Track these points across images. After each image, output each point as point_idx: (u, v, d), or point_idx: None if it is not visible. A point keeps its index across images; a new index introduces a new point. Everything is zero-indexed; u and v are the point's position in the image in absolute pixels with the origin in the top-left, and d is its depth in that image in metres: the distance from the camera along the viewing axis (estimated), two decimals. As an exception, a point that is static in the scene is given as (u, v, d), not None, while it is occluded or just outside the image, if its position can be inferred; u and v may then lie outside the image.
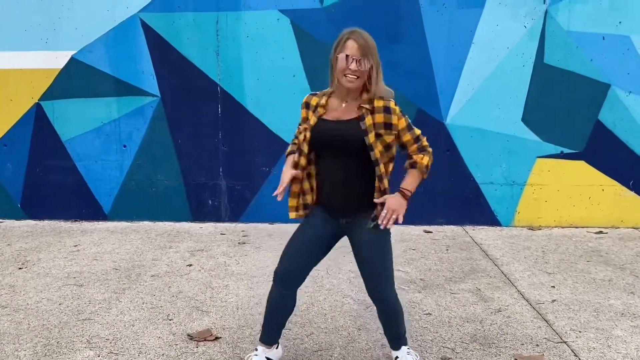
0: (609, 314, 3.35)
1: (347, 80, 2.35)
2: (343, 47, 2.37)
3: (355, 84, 2.36)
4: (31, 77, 5.28)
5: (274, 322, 2.60)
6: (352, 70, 2.33)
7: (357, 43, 2.35)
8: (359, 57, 2.33)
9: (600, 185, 5.27)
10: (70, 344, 2.94)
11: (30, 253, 4.47)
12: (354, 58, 2.33)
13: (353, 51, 2.34)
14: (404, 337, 2.64)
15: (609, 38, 5.04)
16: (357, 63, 2.32)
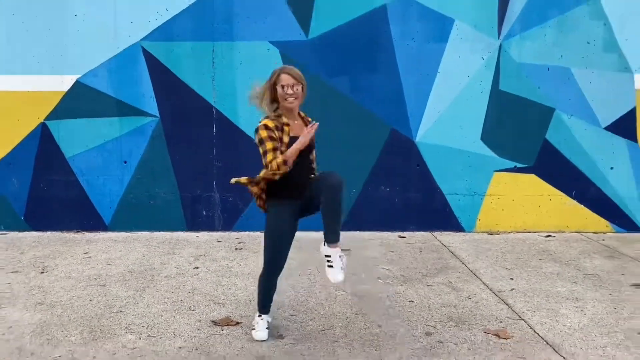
0: (557, 298, 4.07)
1: (288, 102, 3.15)
2: (278, 79, 3.15)
3: (295, 104, 3.18)
4: (38, 99, 5.71)
5: (268, 298, 3.35)
6: (289, 94, 3.10)
7: (289, 74, 3.15)
8: (292, 84, 3.11)
9: (549, 195, 6.07)
10: (111, 330, 3.42)
11: (46, 260, 4.88)
12: (289, 85, 3.10)
13: (288, 81, 3.12)
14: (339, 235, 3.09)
15: (553, 69, 5.89)
16: (292, 88, 3.11)
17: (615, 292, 4.20)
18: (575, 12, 5.82)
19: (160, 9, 5.64)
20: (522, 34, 5.83)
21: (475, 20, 5.79)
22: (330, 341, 3.31)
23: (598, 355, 3.16)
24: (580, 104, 5.93)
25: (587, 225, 6.10)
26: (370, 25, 5.76)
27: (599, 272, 4.69)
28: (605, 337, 3.40)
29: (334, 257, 3.10)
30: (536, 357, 3.13)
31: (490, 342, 3.31)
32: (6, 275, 4.45)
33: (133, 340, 3.28)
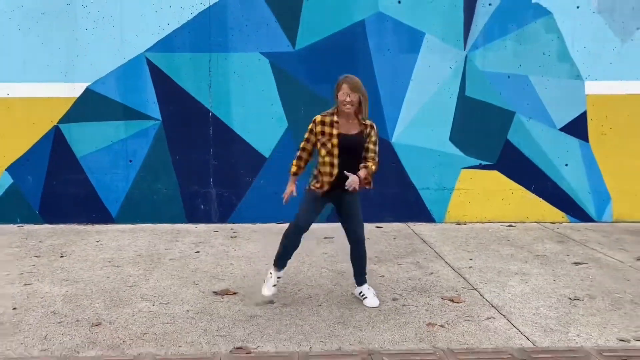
0: (507, 273, 4.77)
1: (345, 108, 3.75)
2: (340, 88, 3.74)
3: (351, 110, 3.77)
4: (52, 104, 6.34)
5: (287, 254, 3.95)
6: (347, 102, 3.71)
7: (348, 84, 3.71)
8: (349, 93, 3.69)
9: (510, 189, 6.79)
10: (128, 299, 4.07)
11: (63, 247, 5.51)
12: (347, 94, 3.67)
13: (346, 90, 3.71)
14: (365, 274, 3.95)
15: (513, 77, 6.62)
16: (349, 97, 3.69)
17: (558, 269, 4.91)
18: (532, 26, 6.55)
19: (162, 24, 6.29)
20: (485, 45, 6.55)
21: (444, 33, 6.50)
22: (314, 305, 3.99)
23: (531, 313, 3.86)
24: (538, 108, 6.66)
25: (545, 216, 6.83)
26: (350, 38, 6.45)
27: (548, 254, 5.40)
28: (541, 301, 4.11)
29: (365, 292, 3.98)
30: (480, 316, 3.82)
31: (445, 306, 4.01)
32: (30, 259, 5.08)
33: (148, 306, 3.94)
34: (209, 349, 3.27)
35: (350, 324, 3.65)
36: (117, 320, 3.67)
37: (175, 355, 3.19)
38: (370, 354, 3.21)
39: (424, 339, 3.42)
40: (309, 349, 3.28)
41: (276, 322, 3.67)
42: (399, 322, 3.69)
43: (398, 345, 3.33)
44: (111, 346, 3.29)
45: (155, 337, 3.43)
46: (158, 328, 3.56)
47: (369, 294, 3.95)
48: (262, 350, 3.26)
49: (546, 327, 3.62)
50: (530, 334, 3.51)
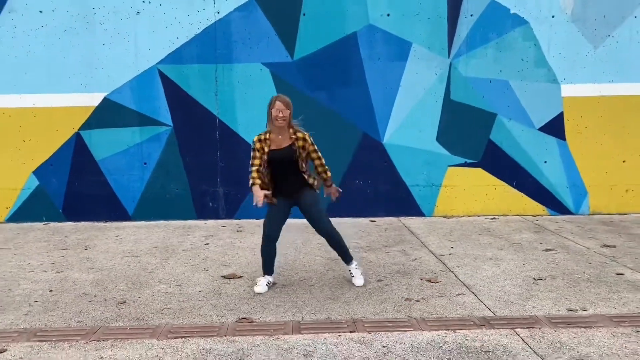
0: (483, 259, 5.35)
1: (277, 122, 4.32)
2: (273, 105, 4.34)
3: (283, 124, 4.35)
4: (73, 113, 6.98)
5: (270, 261, 4.54)
6: (280, 117, 4.29)
7: (281, 102, 4.33)
8: (282, 109, 4.29)
9: (494, 185, 7.37)
10: (148, 282, 4.69)
11: (87, 241, 6.15)
12: (280, 110, 4.28)
13: (280, 107, 4.30)
14: (349, 254, 4.53)
15: (494, 82, 7.19)
16: (281, 112, 4.29)
17: (529, 255, 5.49)
18: (511, 35, 7.13)
19: (172, 38, 6.92)
20: (468, 53, 7.13)
21: (429, 43, 7.09)
22: (307, 285, 4.59)
23: (497, 290, 4.45)
24: (518, 110, 7.24)
25: (526, 210, 7.40)
26: (344, 49, 7.05)
27: (523, 242, 5.98)
28: (508, 281, 4.69)
29: (353, 270, 4.56)
30: (452, 292, 4.41)
31: (423, 285, 4.60)
32: (59, 252, 5.71)
33: (165, 288, 4.55)
34: (218, 319, 3.88)
35: (339, 300, 4.25)
36: (139, 299, 4.29)
37: (190, 324, 3.79)
38: (354, 322, 3.80)
39: (400, 311, 4.01)
40: (301, 318, 3.88)
41: (275, 299, 4.27)
42: (381, 298, 4.28)
43: (378, 316, 3.92)
44: (136, 319, 3.91)
45: (173, 311, 4.04)
46: (175, 304, 4.17)
47: (356, 273, 4.54)
48: (263, 320, 3.86)
49: (507, 301, 4.20)
50: (492, 307, 4.09)
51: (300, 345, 3.44)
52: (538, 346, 3.40)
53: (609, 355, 3.28)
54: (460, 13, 7.06)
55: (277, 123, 4.36)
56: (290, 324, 3.77)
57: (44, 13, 6.82)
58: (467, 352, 3.33)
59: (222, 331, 3.66)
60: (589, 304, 4.13)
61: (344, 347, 3.41)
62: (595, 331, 3.63)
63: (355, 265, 4.59)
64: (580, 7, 7.09)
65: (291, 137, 4.43)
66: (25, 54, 6.87)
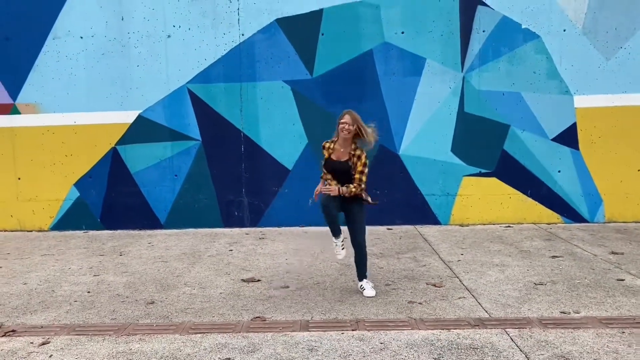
0: (489, 265, 5.62)
1: (343, 134, 4.69)
2: (342, 117, 4.72)
3: (348, 137, 4.70)
4: (110, 129, 7.57)
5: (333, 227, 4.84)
6: (346, 129, 4.67)
7: (350, 116, 4.70)
8: (350, 122, 4.66)
9: (508, 194, 7.60)
10: (174, 285, 5.15)
11: (122, 247, 6.68)
12: (347, 123, 4.66)
13: (348, 120, 4.67)
14: (366, 271, 4.87)
15: (507, 94, 7.45)
16: (347, 125, 4.65)
17: (535, 262, 5.72)
18: (523, 49, 7.38)
19: (201, 59, 7.44)
20: (481, 67, 7.41)
21: (443, 58, 7.40)
22: (320, 289, 4.97)
23: (496, 294, 4.72)
24: (531, 121, 7.47)
25: (541, 218, 7.59)
26: (360, 65, 7.43)
27: (531, 249, 6.21)
28: (509, 285, 4.96)
29: (364, 285, 4.83)
30: (454, 296, 4.71)
31: (428, 289, 4.91)
32: (96, 257, 6.25)
33: (190, 290, 5.00)
34: (235, 318, 4.29)
35: (347, 302, 4.60)
36: (166, 300, 4.74)
37: (209, 322, 4.21)
38: (357, 321, 4.15)
39: (402, 312, 4.34)
40: (310, 318, 4.25)
41: (288, 301, 4.66)
42: (386, 300, 4.62)
43: (380, 316, 4.26)
44: (162, 317, 4.35)
45: (195, 311, 4.47)
46: (197, 305, 4.61)
47: (367, 286, 4.83)
48: (274, 319, 4.26)
49: (505, 304, 4.47)
50: (489, 309, 4.37)
51: (306, 341, 3.81)
52: (524, 344, 3.68)
53: (589, 353, 3.54)
54: (472, 29, 7.36)
55: (343, 135, 4.70)
56: (299, 323, 4.15)
57: (84, 39, 7.45)
58: (456, 349, 3.64)
59: (237, 328, 4.07)
60: (582, 307, 4.37)
61: (345, 343, 3.77)
62: (582, 332, 3.88)
63: (367, 281, 4.90)
64: (591, 20, 7.29)
65: (350, 153, 4.76)
66: (67, 76, 7.51)
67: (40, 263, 6.05)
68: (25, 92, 7.54)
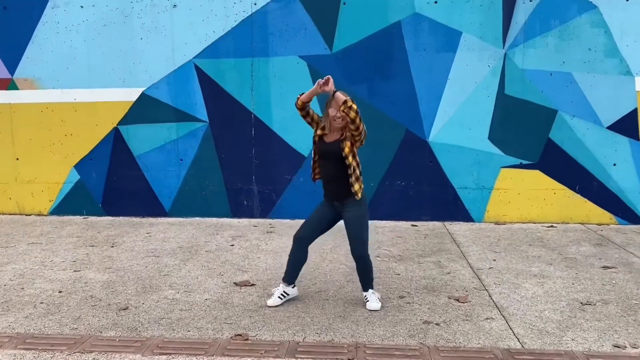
0: (526, 275, 4.75)
1: (335, 123, 3.90)
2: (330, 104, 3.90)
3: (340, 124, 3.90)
4: (112, 108, 6.97)
5: (293, 268, 4.14)
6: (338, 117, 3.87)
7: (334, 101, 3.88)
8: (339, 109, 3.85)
9: (553, 189, 6.65)
10: (158, 287, 4.51)
11: (116, 237, 6.10)
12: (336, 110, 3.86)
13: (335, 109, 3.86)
14: (371, 283, 4.10)
15: (555, 74, 6.46)
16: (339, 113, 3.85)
17: (582, 272, 4.82)
18: (576, 21, 6.36)
19: (209, 32, 6.73)
20: (526, 43, 6.44)
21: (481, 32, 6.46)
22: (321, 299, 4.23)
23: (533, 316, 3.88)
24: (582, 106, 6.46)
25: (590, 218, 6.62)
26: (387, 39, 6.57)
27: (578, 257, 5.29)
28: (549, 304, 4.10)
29: (369, 296, 4.07)
30: (480, 316, 3.89)
31: (449, 305, 4.11)
32: (85, 249, 5.69)
33: (172, 294, 4.35)
34: (213, 334, 3.61)
35: (349, 318, 3.85)
36: (142, 306, 4.10)
37: (181, 338, 3.55)
38: (357, 347, 3.40)
39: (414, 336, 3.56)
40: (302, 339, 3.53)
41: (281, 313, 3.95)
42: (397, 319, 3.85)
43: (387, 341, 3.50)
44: (130, 328, 3.71)
45: (170, 322, 3.81)
46: (175, 314, 3.95)
47: (372, 297, 4.06)
48: (259, 338, 3.55)
49: (542, 330, 3.64)
50: (522, 336, 3.55)
51: (289, 372, 3.10)
52: (565, 393, 2.87)
53: (653, 412, 2.69)
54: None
55: (336, 124, 3.92)
56: (287, 345, 3.43)
57: (84, 8, 6.84)
58: (476, 395, 2.85)
59: (211, 349, 3.38)
60: (642, 340, 3.50)
61: (336, 378, 3.04)
62: (642, 377, 3.03)
63: (373, 291, 4.12)
64: (660, -12, 6.20)
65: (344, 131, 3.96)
66: (67, 49, 6.93)
67: (24, 253, 5.52)
68: (23, 66, 7.01)
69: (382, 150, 6.70)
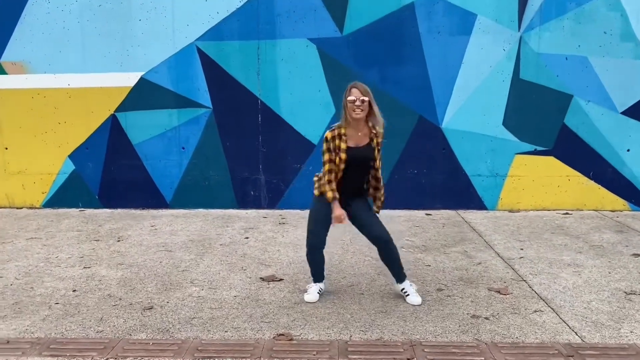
0: (560, 265, 4.62)
1: (355, 113, 3.61)
2: (350, 93, 3.64)
3: (361, 115, 3.63)
4: (109, 94, 6.58)
5: (320, 268, 3.95)
6: (357, 106, 3.60)
7: (358, 89, 3.63)
8: (360, 97, 3.60)
9: (567, 175, 6.54)
10: (179, 284, 4.22)
11: (120, 231, 5.76)
12: (357, 98, 3.60)
13: (356, 94, 3.60)
14: (403, 271, 3.89)
15: (571, 58, 6.33)
16: (360, 101, 3.59)
17: (615, 260, 4.71)
18: (593, 4, 6.22)
19: (212, 13, 6.38)
20: (541, 26, 6.28)
21: (497, 14, 6.28)
22: (356, 293, 4.01)
23: (582, 307, 3.73)
24: (598, 91, 6.36)
25: (604, 204, 6.55)
26: (399, 22, 6.33)
27: (605, 244, 5.19)
28: (593, 294, 3.96)
29: (407, 288, 3.85)
30: (528, 308, 3.73)
31: (492, 297, 3.93)
32: (90, 243, 5.34)
33: (197, 291, 4.07)
34: (253, 334, 3.35)
35: (392, 314, 3.65)
36: (168, 305, 3.82)
37: (220, 340, 3.29)
38: (412, 345, 3.20)
39: (467, 331, 3.38)
40: (349, 337, 3.31)
41: (319, 310, 3.71)
42: (443, 313, 3.66)
43: (440, 337, 3.30)
44: (161, 330, 3.43)
45: (203, 322, 3.54)
46: (206, 313, 3.68)
47: (410, 290, 3.85)
48: (304, 337, 3.32)
49: (597, 323, 3.49)
50: (579, 329, 3.40)
51: (348, 374, 2.88)
52: (646, 390, 2.72)
53: None
54: (533, -20, 6.21)
55: (355, 114, 3.60)
56: (336, 345, 3.20)
57: (78, -13, 6.41)
58: (555, 395, 2.68)
59: (257, 351, 3.14)
60: (701, 331, 3.38)
61: (401, 380, 2.83)
62: None
63: (410, 283, 3.92)
64: (677, -30, 6.10)
65: (371, 132, 3.71)
66: (60, 30, 6.49)
67: (24, 249, 5.15)
68: (11, 49, 6.55)
69: (395, 137, 6.40)
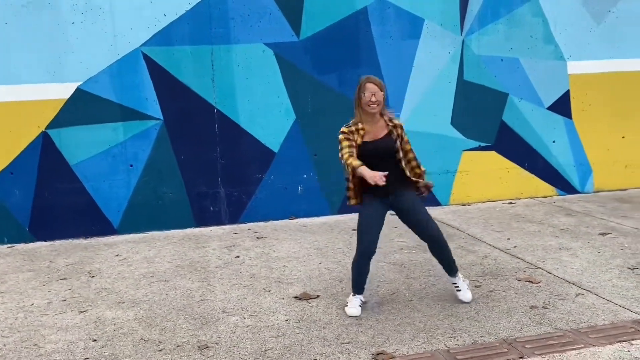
0: (553, 249, 4.99)
1: (370, 109, 3.61)
2: (364, 88, 3.61)
3: (377, 110, 3.63)
4: (37, 108, 5.66)
5: (361, 281, 3.78)
6: (373, 101, 3.59)
7: (373, 83, 3.61)
8: (376, 92, 3.59)
9: (506, 168, 7.09)
10: (212, 315, 3.77)
11: (84, 265, 4.99)
12: (372, 93, 3.58)
13: (373, 89, 3.59)
14: (455, 264, 3.92)
15: (505, 60, 6.87)
16: (374, 96, 3.59)
17: (591, 241, 5.21)
18: (520, 10, 6.82)
19: (159, 15, 5.81)
20: (480, 30, 6.73)
21: (442, 19, 6.59)
22: (405, 300, 3.94)
23: (610, 286, 4.07)
24: (527, 89, 6.98)
25: (538, 192, 7.21)
26: (354, 26, 6.35)
27: (569, 227, 5.72)
28: (606, 273, 4.34)
29: (459, 284, 3.84)
30: (569, 293, 3.97)
31: (527, 287, 4.12)
32: (59, 283, 4.54)
33: (240, 320, 3.67)
34: (347, 358, 3.12)
35: (460, 316, 3.64)
36: (222, 340, 3.39)
37: (320, 369, 3.02)
38: (510, 344, 3.23)
39: (541, 323, 3.50)
40: (444, 345, 3.24)
41: (388, 323, 3.58)
42: (503, 308, 3.74)
43: (526, 332, 3.38)
44: (241, 369, 3.05)
45: (280, 353, 3.21)
46: (273, 343, 3.34)
47: (462, 286, 3.90)
48: (400, 352, 3.17)
49: (635, 298, 3.84)
50: (630, 307, 3.70)
51: (480, 382, 2.82)
52: None
53: None
54: (472, -13, 6.63)
55: (370, 109, 3.60)
56: (442, 355, 3.12)
57: (-8, -17, 5.42)
58: (671, 369, 2.90)
59: (368, 375, 2.93)
60: None
61: (535, 379, 2.84)
62: None
63: (462, 277, 3.96)
64: (584, -19, 6.95)
65: (388, 125, 3.71)
66: (-32, 35, 5.44)
67: (-23, 300, 4.22)
68: None
69: (355, 140, 6.46)
